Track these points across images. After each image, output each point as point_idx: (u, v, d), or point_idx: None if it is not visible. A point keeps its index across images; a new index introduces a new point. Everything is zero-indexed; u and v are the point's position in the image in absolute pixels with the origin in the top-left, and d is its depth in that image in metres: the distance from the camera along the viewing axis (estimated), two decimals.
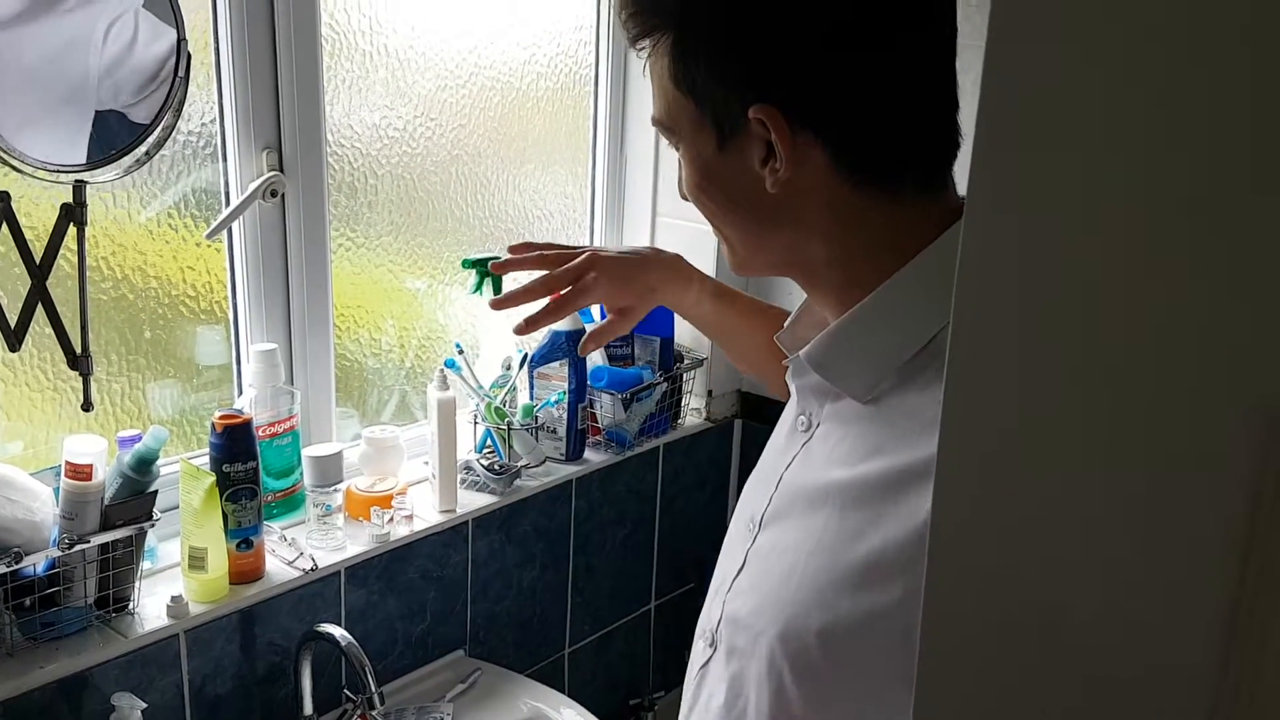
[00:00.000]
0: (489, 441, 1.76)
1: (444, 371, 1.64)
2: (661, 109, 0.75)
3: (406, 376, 1.81)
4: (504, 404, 1.74)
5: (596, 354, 1.90)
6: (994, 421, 0.42)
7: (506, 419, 1.73)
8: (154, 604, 1.36)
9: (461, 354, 1.70)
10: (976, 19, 0.50)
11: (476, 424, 1.77)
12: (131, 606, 1.34)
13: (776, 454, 0.82)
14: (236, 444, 1.39)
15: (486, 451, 1.77)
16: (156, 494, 1.32)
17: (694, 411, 2.07)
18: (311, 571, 1.47)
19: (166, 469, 1.39)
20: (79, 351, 1.27)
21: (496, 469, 1.72)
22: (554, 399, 1.80)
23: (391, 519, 1.57)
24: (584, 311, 1.74)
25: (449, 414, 1.62)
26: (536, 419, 1.79)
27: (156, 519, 1.32)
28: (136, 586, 1.34)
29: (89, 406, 1.28)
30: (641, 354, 1.95)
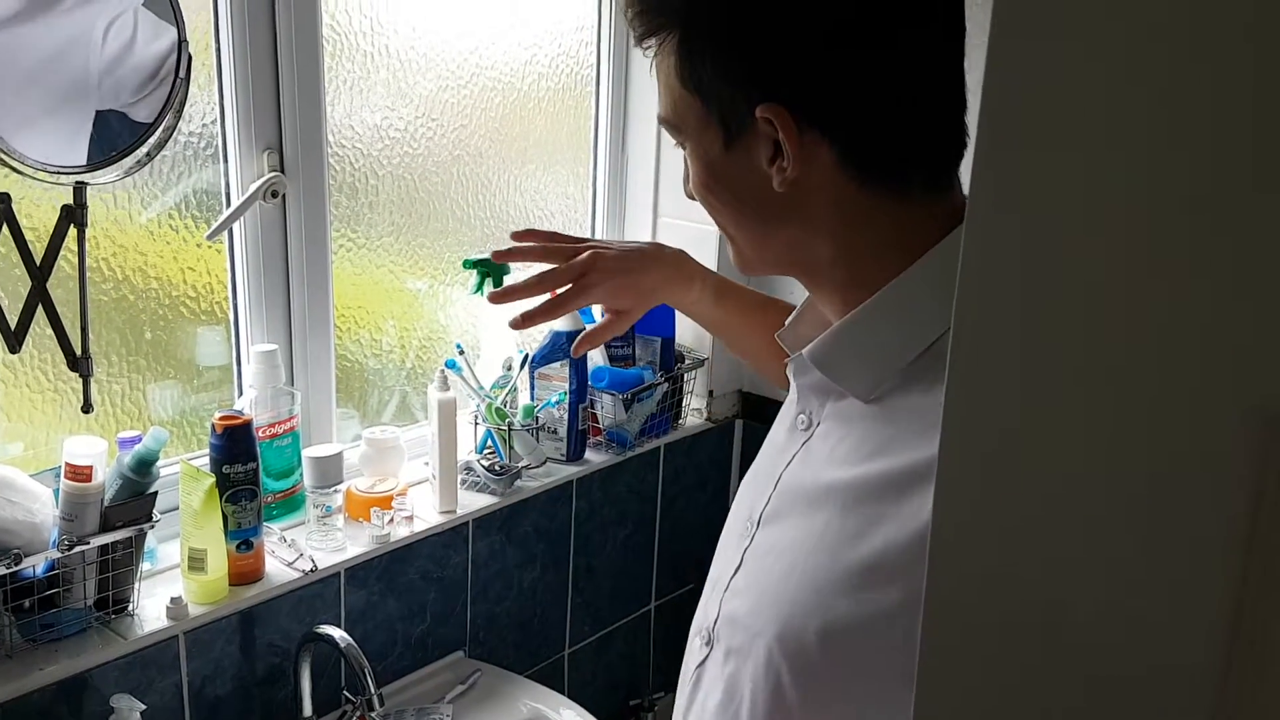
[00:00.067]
0: (489, 442, 1.76)
1: (444, 372, 1.64)
2: (668, 107, 0.75)
3: (407, 377, 1.81)
4: (505, 404, 1.74)
5: (597, 354, 1.89)
6: (996, 420, 0.42)
7: (507, 419, 1.73)
8: (153, 605, 1.35)
9: (462, 354, 1.70)
10: (980, 17, 0.50)
11: (477, 425, 1.77)
12: (131, 608, 1.34)
13: (775, 453, 0.82)
14: (236, 445, 1.39)
15: (487, 452, 1.76)
16: (156, 495, 1.32)
17: (695, 412, 2.07)
18: (311, 573, 1.47)
19: (166, 470, 1.39)
20: (79, 353, 1.27)
21: (497, 470, 1.72)
22: (555, 399, 1.80)
23: (392, 520, 1.57)
24: (585, 311, 1.73)
25: (449, 415, 1.62)
26: (537, 419, 1.79)
27: (156, 520, 1.32)
28: (136, 588, 1.34)
29: (89, 408, 1.28)
30: (642, 354, 1.95)
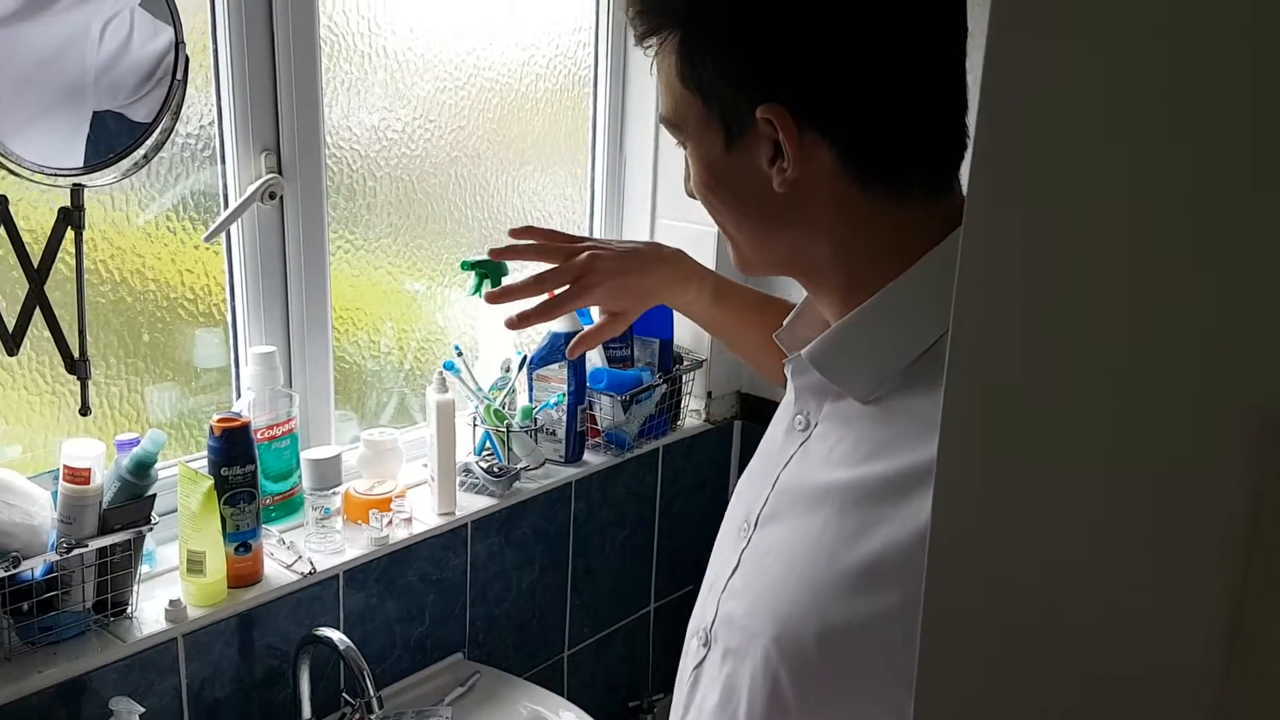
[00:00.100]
0: (488, 444, 1.76)
1: (443, 374, 1.64)
2: (669, 107, 0.75)
3: (405, 379, 1.81)
4: (503, 406, 1.74)
5: (596, 356, 1.90)
6: (994, 420, 0.42)
7: (505, 421, 1.72)
8: (152, 608, 1.35)
9: (460, 356, 1.70)
10: (979, 17, 0.50)
11: (475, 426, 1.77)
12: (130, 610, 1.34)
13: (772, 453, 0.82)
14: (235, 447, 1.39)
15: (485, 454, 1.76)
16: (155, 497, 1.32)
17: (693, 413, 2.07)
18: (310, 575, 1.47)
19: (165, 472, 1.39)
20: (77, 355, 1.27)
21: (495, 471, 1.71)
22: (553, 401, 1.80)
23: (390, 522, 1.57)
24: (583, 312, 1.73)
25: (448, 416, 1.62)
26: (536, 421, 1.79)
27: (155, 523, 1.32)
28: (135, 590, 1.34)
29: (87, 410, 1.28)
30: (641, 355, 1.94)
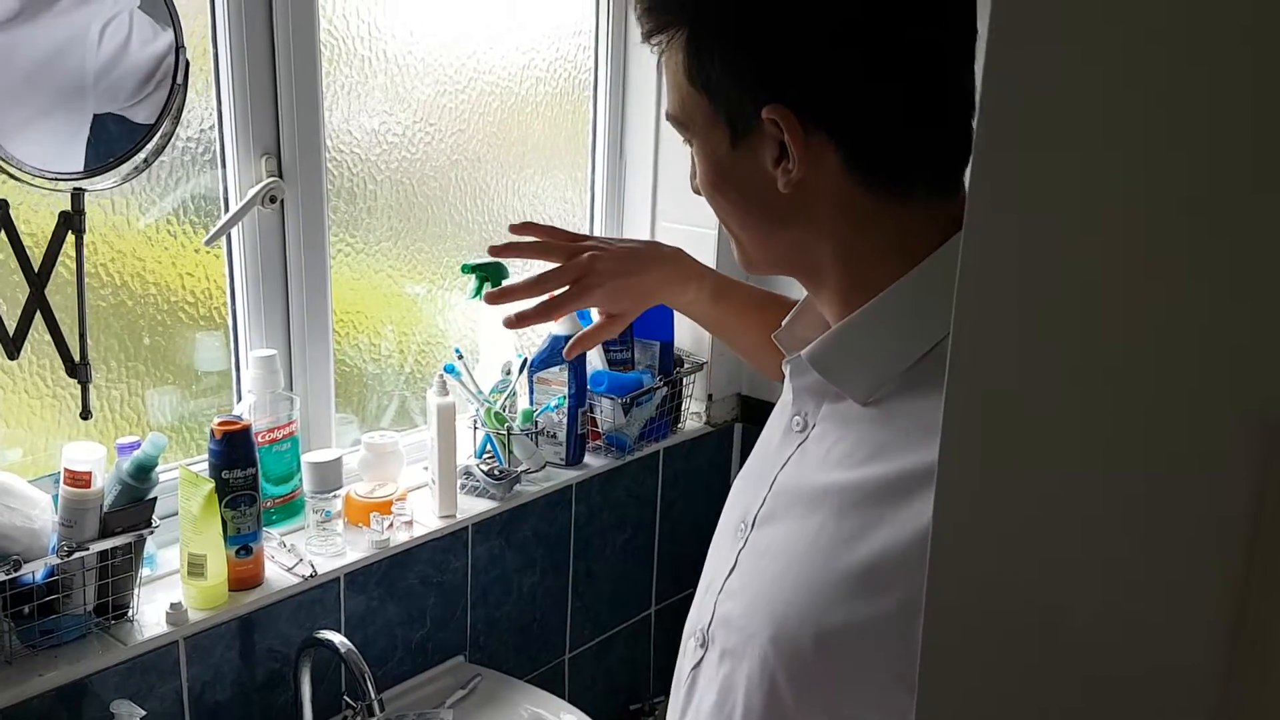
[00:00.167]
0: (489, 447, 1.76)
1: (443, 377, 1.64)
2: (675, 104, 0.75)
3: (406, 382, 1.81)
4: (504, 409, 1.74)
5: (596, 358, 1.90)
6: (995, 423, 0.42)
7: (506, 424, 1.72)
8: (153, 611, 1.35)
9: (461, 359, 1.70)
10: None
11: (476, 429, 1.77)
12: (131, 614, 1.34)
13: (770, 454, 0.82)
14: (236, 450, 1.39)
15: (486, 457, 1.76)
16: (155, 501, 1.32)
17: (694, 415, 2.07)
18: (311, 578, 1.47)
19: (165, 475, 1.39)
20: (77, 359, 1.27)
21: (496, 474, 1.71)
22: (554, 404, 1.80)
23: (391, 525, 1.57)
24: (582, 313, 1.73)
25: (448, 419, 1.62)
26: (536, 424, 1.79)
27: (155, 526, 1.32)
28: (135, 593, 1.34)
29: (87, 414, 1.28)
30: (641, 358, 1.94)
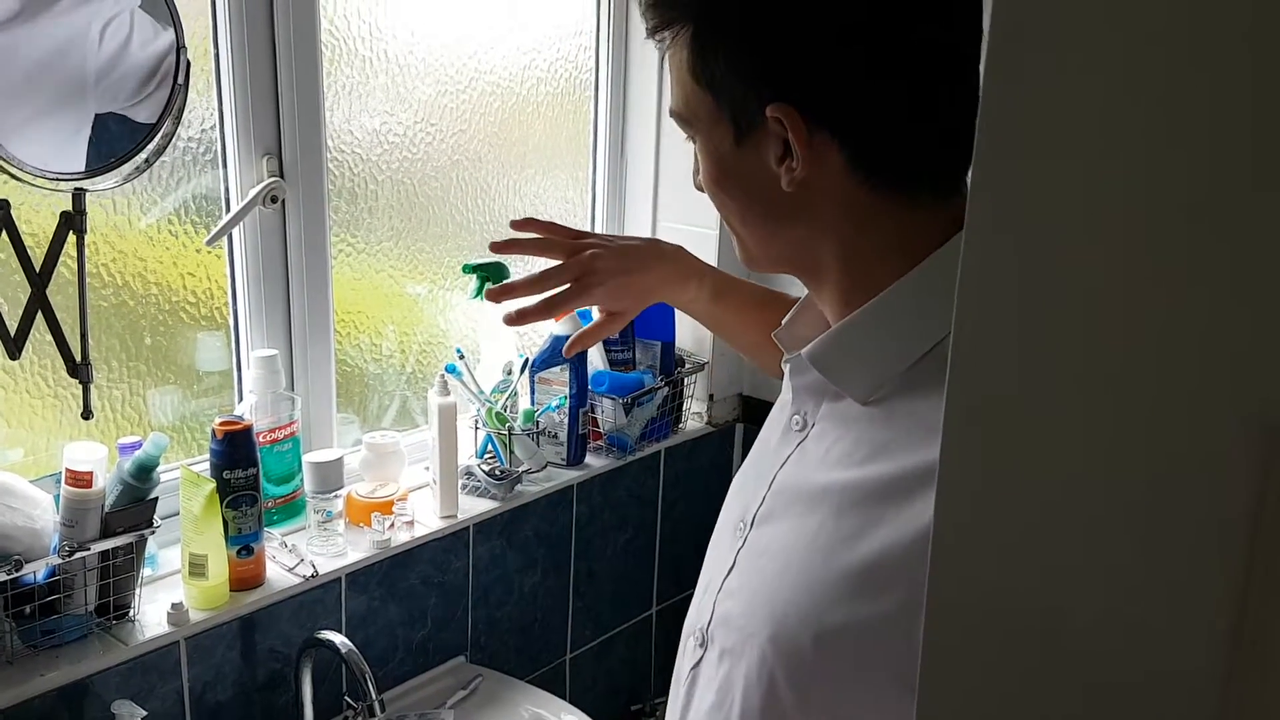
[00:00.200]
0: (490, 447, 1.76)
1: (445, 377, 1.64)
2: (679, 101, 0.75)
3: (407, 382, 1.81)
4: (505, 409, 1.74)
5: (598, 359, 1.90)
6: (995, 426, 0.42)
7: (507, 424, 1.72)
8: (154, 611, 1.35)
9: (462, 359, 1.70)
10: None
11: (477, 429, 1.77)
12: (132, 614, 1.34)
13: (769, 453, 0.81)
14: (237, 450, 1.39)
15: (487, 457, 1.76)
16: (157, 501, 1.32)
17: (695, 416, 2.07)
18: (312, 578, 1.47)
19: (167, 476, 1.39)
20: (79, 359, 1.27)
21: (497, 474, 1.71)
22: (555, 404, 1.80)
23: (392, 525, 1.57)
24: (584, 313, 1.73)
25: (450, 419, 1.62)
26: (538, 424, 1.79)
27: (157, 526, 1.32)
28: (137, 594, 1.34)
29: (89, 414, 1.28)
30: (642, 358, 1.94)
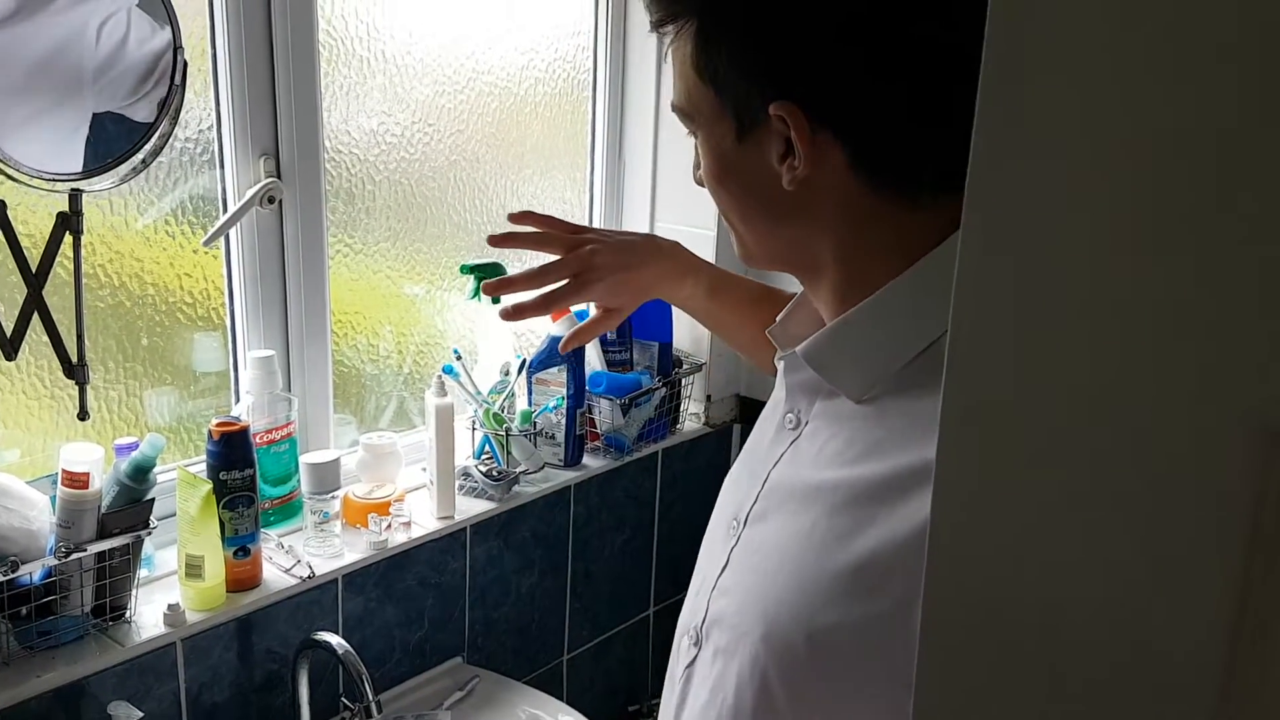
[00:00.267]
0: (487, 447, 1.76)
1: (442, 377, 1.64)
2: (682, 95, 0.74)
3: (404, 383, 1.81)
4: (502, 410, 1.74)
5: (595, 359, 1.89)
6: (992, 425, 0.42)
7: (505, 425, 1.72)
8: (151, 612, 1.35)
9: (459, 360, 1.69)
10: None
11: (474, 430, 1.76)
12: (128, 615, 1.34)
13: (762, 451, 0.81)
14: (234, 451, 1.39)
15: (485, 457, 1.76)
16: (153, 502, 1.32)
17: (692, 416, 2.07)
18: (309, 579, 1.46)
19: (163, 476, 1.39)
20: (75, 360, 1.26)
21: (495, 475, 1.71)
22: (552, 404, 1.80)
23: (389, 526, 1.57)
24: (580, 312, 1.73)
25: (447, 420, 1.62)
26: (535, 425, 1.79)
27: (153, 527, 1.32)
28: (133, 595, 1.34)
29: (85, 415, 1.28)
30: (640, 359, 1.94)
